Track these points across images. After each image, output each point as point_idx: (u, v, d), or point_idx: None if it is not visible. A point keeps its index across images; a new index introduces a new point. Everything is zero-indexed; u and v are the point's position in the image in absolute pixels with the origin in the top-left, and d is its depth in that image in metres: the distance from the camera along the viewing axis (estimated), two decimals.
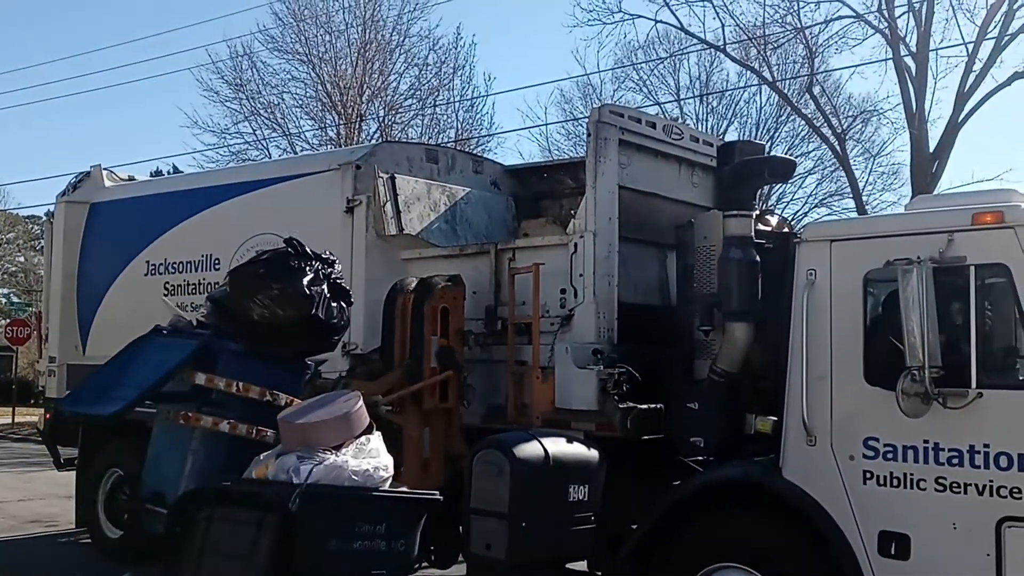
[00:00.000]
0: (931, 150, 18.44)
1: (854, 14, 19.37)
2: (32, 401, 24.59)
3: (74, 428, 9.40)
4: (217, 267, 8.26)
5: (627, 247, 6.45)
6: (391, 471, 5.24)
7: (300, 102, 25.49)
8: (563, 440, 5.51)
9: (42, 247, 19.74)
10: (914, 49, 18.48)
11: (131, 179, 10.27)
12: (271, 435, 5.53)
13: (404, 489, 5.38)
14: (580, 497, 5.35)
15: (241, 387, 5.56)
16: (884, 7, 18.62)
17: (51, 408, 9.73)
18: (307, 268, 5.76)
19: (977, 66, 18.26)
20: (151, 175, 20.95)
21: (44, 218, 26.62)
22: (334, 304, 5.81)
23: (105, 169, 9.95)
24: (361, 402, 5.40)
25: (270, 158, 23.17)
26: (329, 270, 5.90)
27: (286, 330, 5.68)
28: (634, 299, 6.54)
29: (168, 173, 24.42)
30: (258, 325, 5.65)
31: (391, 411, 6.20)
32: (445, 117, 25.42)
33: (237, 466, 5.34)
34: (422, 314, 6.40)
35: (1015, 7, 18.11)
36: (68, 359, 9.49)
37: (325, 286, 5.78)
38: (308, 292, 5.68)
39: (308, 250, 5.91)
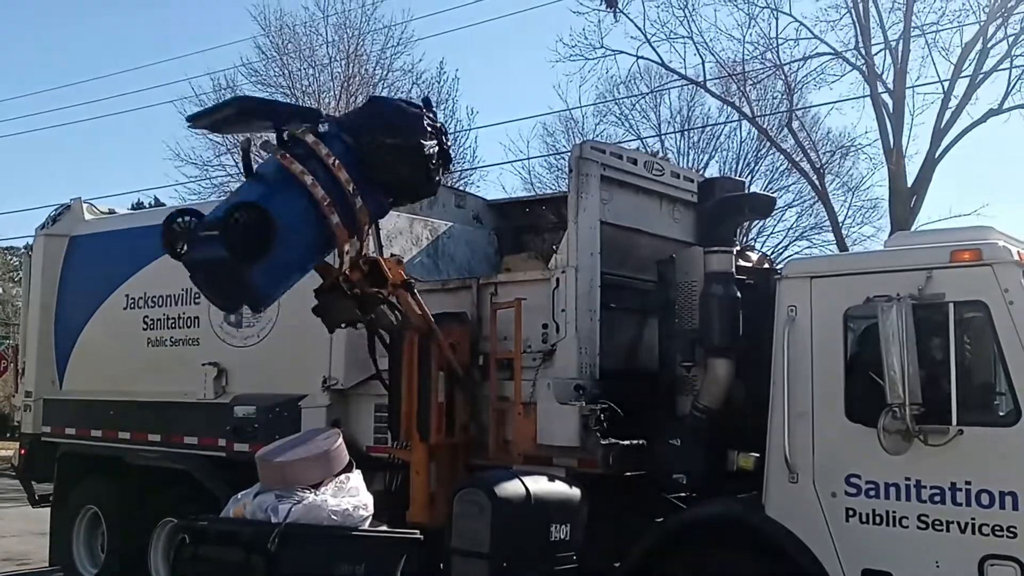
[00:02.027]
0: (909, 185, 18.67)
1: (832, 51, 19.68)
2: (8, 435, 24.21)
3: (50, 463, 9.29)
4: (197, 301, 8.17)
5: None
6: (371, 510, 5.19)
7: None
8: (545, 479, 5.48)
9: (20, 278, 19.59)
10: (891, 86, 18.76)
11: (111, 212, 10.20)
12: (337, 220, 5.65)
13: (384, 528, 5.33)
14: (562, 536, 5.31)
15: (336, 164, 5.72)
16: (861, 45, 18.93)
17: (27, 443, 9.59)
18: (430, 125, 6.02)
19: (953, 103, 18.57)
20: (132, 207, 20.82)
21: (23, 250, 26.42)
22: (438, 158, 6.04)
23: (86, 202, 9.88)
24: (340, 440, 5.36)
25: None
26: (445, 139, 6.16)
27: (393, 154, 5.92)
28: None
29: (150, 205, 24.31)
30: (370, 141, 5.92)
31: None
32: None
33: (294, 224, 5.50)
34: (429, 351, 6.42)
35: (989, 46, 18.48)
36: (45, 393, 9.37)
37: (437, 144, 6.03)
38: (429, 131, 5.97)
39: (439, 123, 6.17)
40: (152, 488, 8.43)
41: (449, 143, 6.22)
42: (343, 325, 6.45)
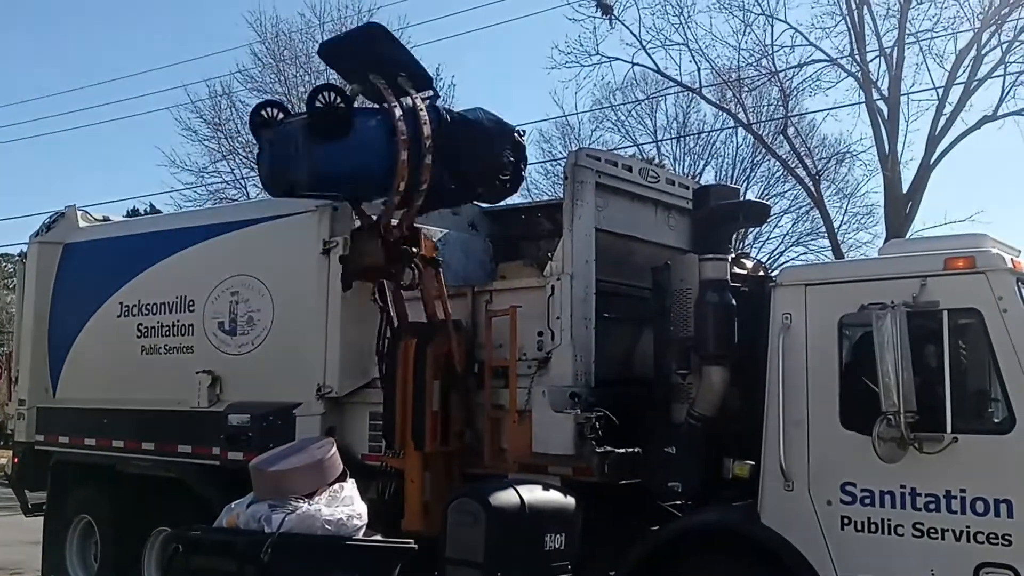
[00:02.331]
0: (904, 191, 18.73)
1: (827, 58, 19.75)
2: (1, 444, 24.12)
3: (43, 472, 9.25)
4: (192, 309, 8.17)
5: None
6: (365, 519, 5.18)
7: None
8: (539, 488, 5.46)
9: (14, 286, 19.50)
10: (886, 93, 18.84)
11: (106, 219, 10.17)
12: (405, 158, 6.25)
13: (378, 538, 5.31)
14: (557, 545, 5.29)
15: (425, 120, 6.42)
16: (856, 52, 18.99)
17: (20, 452, 9.55)
18: (517, 141, 6.76)
19: (947, 110, 18.66)
20: (127, 214, 20.80)
21: (17, 257, 26.33)
22: (509, 172, 6.74)
23: (80, 209, 9.85)
24: (335, 449, 5.35)
25: (248, 197, 23.13)
26: (523, 165, 6.88)
27: (473, 145, 6.62)
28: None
29: (145, 212, 24.27)
30: (460, 128, 6.63)
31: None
32: None
33: (370, 136, 6.33)
34: (424, 357, 6.41)
35: (983, 53, 18.56)
36: (38, 402, 9.32)
37: (514, 161, 6.70)
38: (514, 143, 6.74)
39: (524, 147, 6.87)
40: (146, 497, 8.38)
41: (524, 168, 6.85)
42: (359, 278, 6.80)
